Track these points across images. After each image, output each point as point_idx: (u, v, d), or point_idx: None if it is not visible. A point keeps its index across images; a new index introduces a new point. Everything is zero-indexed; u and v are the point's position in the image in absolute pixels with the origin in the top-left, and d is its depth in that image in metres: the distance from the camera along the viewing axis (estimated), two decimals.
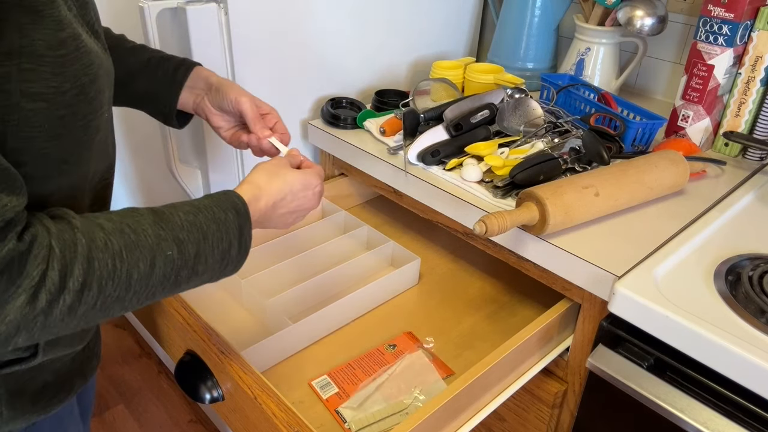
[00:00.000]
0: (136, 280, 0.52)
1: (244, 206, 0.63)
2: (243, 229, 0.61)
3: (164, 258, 0.54)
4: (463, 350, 0.91)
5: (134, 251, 0.52)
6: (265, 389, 0.72)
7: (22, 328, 0.46)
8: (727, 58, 1.02)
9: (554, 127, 1.07)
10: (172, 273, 0.55)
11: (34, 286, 0.46)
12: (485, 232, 0.76)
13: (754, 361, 0.64)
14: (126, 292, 0.52)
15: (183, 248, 0.56)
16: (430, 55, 1.43)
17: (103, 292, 0.50)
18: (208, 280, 0.61)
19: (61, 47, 0.49)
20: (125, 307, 0.53)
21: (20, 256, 0.45)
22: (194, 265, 0.57)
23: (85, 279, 0.48)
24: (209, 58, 1.04)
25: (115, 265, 0.50)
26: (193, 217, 0.58)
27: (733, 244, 0.84)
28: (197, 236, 0.57)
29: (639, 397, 0.77)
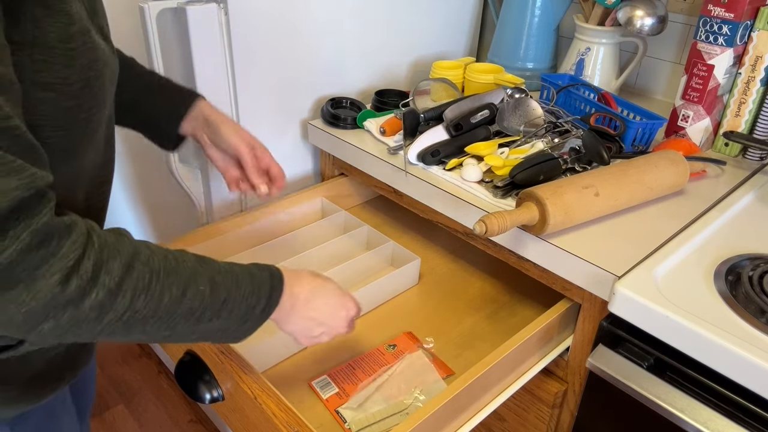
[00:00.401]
0: (165, 303, 0.53)
1: (280, 275, 0.64)
2: (273, 292, 0.63)
3: (196, 291, 0.55)
4: (463, 350, 0.91)
5: (171, 275, 0.53)
6: (265, 389, 0.72)
7: (50, 313, 0.46)
8: (727, 58, 1.02)
9: (554, 127, 1.07)
10: (199, 309, 0.56)
11: (69, 267, 0.46)
12: (485, 232, 0.76)
13: (754, 361, 0.64)
14: (153, 314, 0.52)
15: (215, 289, 0.57)
16: (430, 55, 1.43)
17: (134, 303, 0.50)
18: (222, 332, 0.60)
19: (71, 41, 0.51)
20: (145, 331, 0.53)
21: (59, 233, 0.46)
22: (220, 309, 0.57)
23: (120, 281, 0.49)
24: (209, 58, 1.04)
25: (151, 280, 0.51)
26: (231, 267, 0.60)
27: (733, 244, 0.84)
28: (230, 283, 0.59)
29: (639, 397, 0.77)
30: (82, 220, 0.49)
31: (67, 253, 0.46)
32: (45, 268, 0.45)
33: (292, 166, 1.27)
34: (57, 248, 0.46)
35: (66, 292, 0.46)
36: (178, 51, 1.04)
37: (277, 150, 1.22)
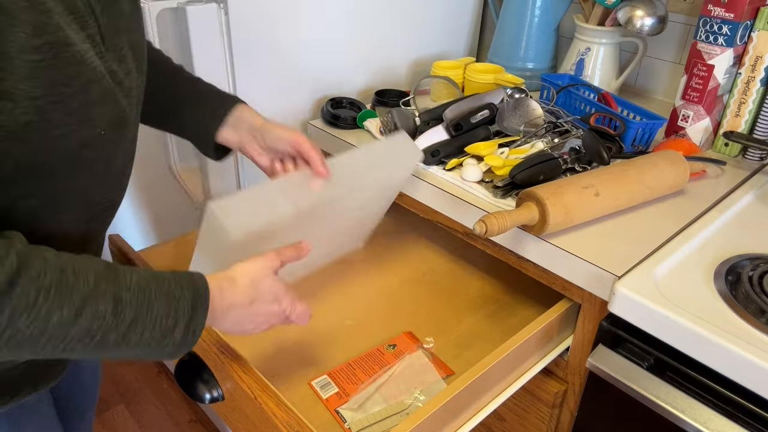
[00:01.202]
0: (54, 323, 0.48)
1: (205, 289, 0.58)
2: (196, 312, 0.56)
3: (94, 311, 0.50)
4: (463, 350, 0.91)
5: (64, 293, 0.49)
6: (265, 389, 0.72)
7: None
8: (727, 58, 1.02)
9: (554, 127, 1.07)
10: (99, 331, 0.51)
11: None
12: (485, 232, 0.76)
13: (754, 361, 0.64)
14: (40, 334, 0.48)
15: (120, 309, 0.51)
16: (430, 55, 1.43)
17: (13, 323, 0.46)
18: (141, 356, 0.56)
19: (35, 53, 0.49)
20: (36, 351, 0.49)
21: None
22: (126, 332, 0.52)
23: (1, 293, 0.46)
24: (209, 58, 1.05)
25: (36, 300, 0.47)
26: (145, 283, 0.54)
27: (733, 244, 0.84)
28: (141, 301, 0.53)
29: (639, 397, 0.77)
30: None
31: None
32: None
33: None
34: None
35: None
36: (178, 51, 1.05)
37: None
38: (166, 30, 1.02)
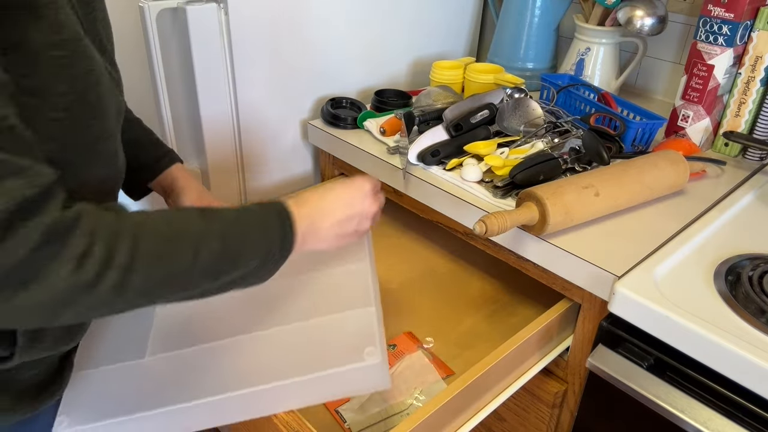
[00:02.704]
0: (180, 266, 0.53)
1: (287, 211, 0.63)
2: (285, 232, 0.62)
3: (209, 249, 0.55)
4: (463, 350, 0.91)
5: (178, 239, 0.53)
6: None
7: (68, 300, 0.47)
8: (727, 58, 1.02)
9: (554, 127, 1.07)
10: (215, 265, 0.55)
11: (79, 256, 0.46)
12: (485, 232, 0.76)
13: (754, 361, 0.64)
14: (171, 279, 0.52)
15: (227, 242, 0.56)
16: (430, 55, 1.43)
17: (149, 274, 0.50)
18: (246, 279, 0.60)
19: (57, 49, 0.50)
20: (168, 295, 0.54)
21: (66, 227, 0.46)
22: (236, 260, 0.57)
23: (130, 258, 0.49)
24: (209, 58, 1.05)
25: (159, 249, 0.51)
26: (238, 215, 0.59)
27: (733, 244, 0.84)
28: (240, 233, 0.58)
29: (639, 397, 0.77)
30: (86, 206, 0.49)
31: (77, 243, 0.46)
32: (57, 263, 0.45)
33: (292, 166, 1.27)
34: (66, 241, 0.46)
35: (82, 280, 0.46)
36: (178, 51, 1.05)
37: (277, 150, 1.23)
38: (166, 30, 1.02)
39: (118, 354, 0.75)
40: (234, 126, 1.14)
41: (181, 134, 1.12)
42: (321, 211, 0.67)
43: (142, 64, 1.08)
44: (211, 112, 1.09)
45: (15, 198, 0.43)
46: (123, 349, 0.76)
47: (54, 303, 0.46)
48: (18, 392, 0.63)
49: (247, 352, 0.73)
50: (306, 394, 0.69)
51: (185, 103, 1.10)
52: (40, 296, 0.45)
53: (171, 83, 1.07)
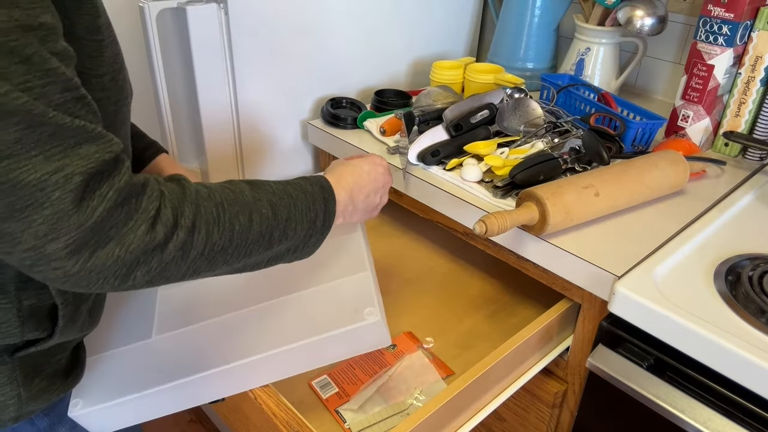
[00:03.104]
0: (237, 231, 0.56)
1: (328, 183, 0.67)
2: (328, 202, 0.66)
3: (260, 215, 0.58)
4: (463, 350, 0.91)
5: (234, 205, 0.56)
6: (265, 389, 0.73)
7: (141, 261, 0.49)
8: (727, 58, 1.02)
9: (554, 127, 1.07)
10: (267, 231, 0.59)
11: (152, 218, 0.49)
12: (485, 232, 0.76)
13: (754, 361, 0.64)
14: (229, 243, 0.55)
15: (276, 210, 0.60)
16: (430, 55, 1.43)
17: (210, 237, 0.53)
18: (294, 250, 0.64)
19: (98, 33, 0.54)
20: (227, 260, 0.56)
21: (137, 190, 0.49)
22: (285, 228, 0.60)
23: (194, 220, 0.52)
24: (209, 58, 1.05)
25: (219, 213, 0.55)
26: (284, 187, 0.63)
27: (733, 244, 0.84)
28: (288, 202, 0.61)
29: (639, 397, 0.77)
30: (151, 176, 0.53)
31: (147, 206, 0.49)
32: (132, 223, 0.48)
33: (292, 166, 1.27)
34: (138, 204, 0.49)
35: (155, 240, 0.49)
36: (178, 51, 1.05)
37: (277, 150, 1.23)
38: (166, 30, 1.02)
39: (124, 337, 0.78)
40: (234, 126, 1.14)
41: (181, 134, 1.12)
42: (357, 185, 0.72)
43: (142, 64, 1.08)
44: (211, 112, 1.09)
45: (94, 162, 0.46)
46: (129, 332, 0.78)
47: (129, 262, 0.49)
48: (49, 375, 0.65)
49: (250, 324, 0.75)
50: (312, 356, 0.73)
51: (185, 103, 1.10)
52: (117, 255, 0.48)
53: (171, 83, 1.07)
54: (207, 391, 0.72)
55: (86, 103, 0.48)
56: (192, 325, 0.76)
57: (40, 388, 0.64)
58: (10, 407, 0.62)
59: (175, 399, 0.71)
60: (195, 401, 0.73)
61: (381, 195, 0.77)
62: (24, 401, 0.63)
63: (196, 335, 0.75)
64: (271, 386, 0.73)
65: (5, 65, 0.42)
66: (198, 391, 0.71)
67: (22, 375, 0.62)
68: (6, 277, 0.57)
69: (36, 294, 0.59)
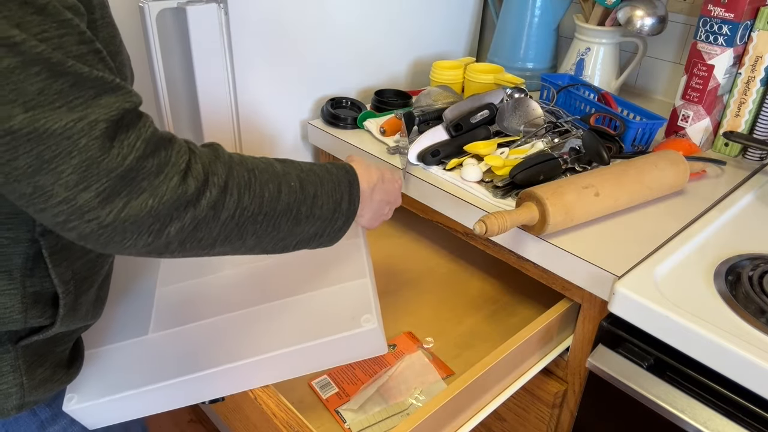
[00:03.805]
0: (267, 199, 0.56)
1: (353, 170, 0.68)
2: (353, 186, 0.66)
3: (289, 187, 0.58)
4: (463, 350, 0.91)
5: (264, 173, 0.57)
6: (265, 389, 0.73)
7: (174, 216, 0.49)
8: (727, 58, 1.02)
9: (554, 127, 1.07)
10: (295, 204, 0.59)
11: (183, 170, 0.49)
12: (485, 232, 0.76)
13: (754, 361, 0.64)
14: (258, 210, 0.55)
15: (304, 185, 0.60)
16: (430, 55, 1.43)
17: (241, 200, 0.53)
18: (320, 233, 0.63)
19: (92, 11, 0.53)
20: (257, 231, 0.56)
21: (165, 144, 0.49)
22: (312, 205, 0.60)
23: (226, 180, 0.52)
24: (209, 59, 1.05)
25: (250, 179, 0.55)
26: (310, 166, 0.63)
27: (733, 244, 0.84)
28: (315, 180, 0.62)
29: (639, 397, 0.77)
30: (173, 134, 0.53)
31: (177, 159, 0.49)
32: (163, 175, 0.48)
33: None
34: (168, 156, 0.49)
35: (187, 192, 0.49)
36: (178, 51, 1.05)
37: (277, 150, 1.23)
38: (166, 30, 1.02)
39: (121, 334, 0.77)
40: (234, 126, 1.14)
41: (181, 134, 1.12)
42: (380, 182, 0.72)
43: (142, 64, 1.08)
44: (211, 112, 1.09)
45: (116, 110, 0.46)
46: (125, 329, 0.78)
47: (163, 215, 0.48)
48: (52, 365, 0.66)
49: (247, 326, 0.75)
50: (307, 361, 0.73)
51: (185, 103, 1.10)
52: (151, 206, 0.47)
53: (171, 83, 1.07)
54: (200, 391, 0.72)
55: (102, 58, 0.48)
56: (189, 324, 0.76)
57: (43, 377, 0.65)
58: (13, 396, 0.62)
59: (169, 397, 0.71)
60: (189, 400, 0.73)
61: (389, 208, 0.77)
62: (27, 390, 0.63)
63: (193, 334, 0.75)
64: (271, 386, 0.73)
65: (21, 15, 0.42)
66: (191, 391, 0.71)
67: (26, 364, 0.62)
68: (14, 264, 0.57)
69: (40, 281, 0.60)
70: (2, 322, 0.59)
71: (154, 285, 0.84)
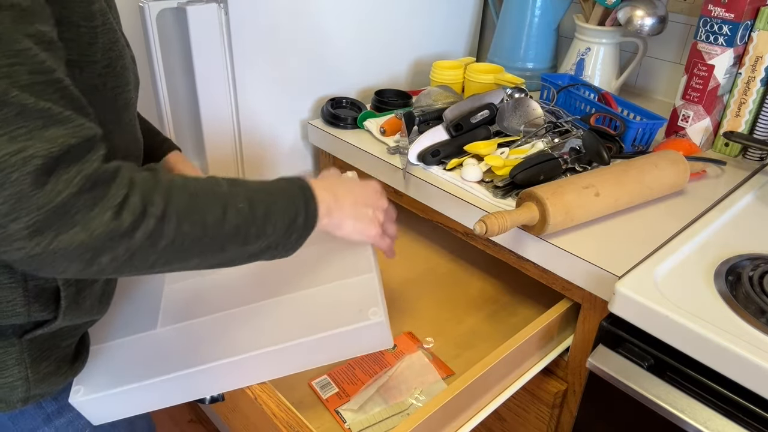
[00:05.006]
0: (210, 223, 0.55)
1: (307, 184, 0.66)
2: (309, 202, 0.64)
3: (236, 209, 0.57)
4: (463, 350, 0.91)
5: (209, 196, 0.56)
6: (265, 389, 0.73)
7: (107, 246, 0.49)
8: (727, 58, 1.02)
9: (554, 127, 1.07)
10: (243, 227, 0.57)
11: (118, 204, 0.49)
12: (485, 232, 0.76)
13: (754, 361, 0.64)
14: (201, 235, 0.54)
15: (253, 206, 0.58)
16: (430, 55, 1.43)
17: (180, 227, 0.52)
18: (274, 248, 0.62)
19: (93, 19, 0.54)
20: (200, 253, 0.55)
21: (106, 177, 0.49)
22: (263, 225, 0.59)
23: (164, 209, 0.51)
24: (209, 58, 1.05)
25: (190, 204, 0.54)
26: (262, 184, 0.62)
27: (733, 244, 0.84)
28: (266, 198, 0.60)
29: (639, 397, 0.77)
30: (126, 163, 0.52)
31: (114, 193, 0.49)
32: (97, 209, 0.48)
33: (292, 166, 1.27)
34: (106, 190, 0.49)
35: (120, 227, 0.49)
36: (178, 51, 1.05)
37: (277, 150, 1.23)
38: (166, 30, 1.02)
39: (128, 328, 0.77)
40: (234, 126, 1.14)
41: (181, 134, 1.12)
42: (341, 186, 0.71)
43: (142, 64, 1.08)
44: (211, 112, 1.09)
45: (59, 145, 0.46)
46: (133, 323, 0.78)
47: (93, 248, 0.48)
48: (57, 360, 0.66)
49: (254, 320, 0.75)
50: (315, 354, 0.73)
51: (185, 103, 1.10)
52: (81, 239, 0.47)
53: (171, 83, 1.07)
54: (208, 384, 0.72)
55: (60, 88, 0.48)
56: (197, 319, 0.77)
57: (48, 371, 0.65)
58: (18, 389, 0.63)
59: (176, 390, 0.72)
60: (196, 394, 0.73)
61: (374, 210, 0.74)
62: (32, 384, 0.64)
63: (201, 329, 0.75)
64: (271, 386, 0.73)
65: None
66: (199, 384, 0.72)
67: (30, 358, 0.63)
68: None
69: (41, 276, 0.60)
70: (6, 315, 0.59)
71: (162, 280, 0.84)
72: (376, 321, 0.70)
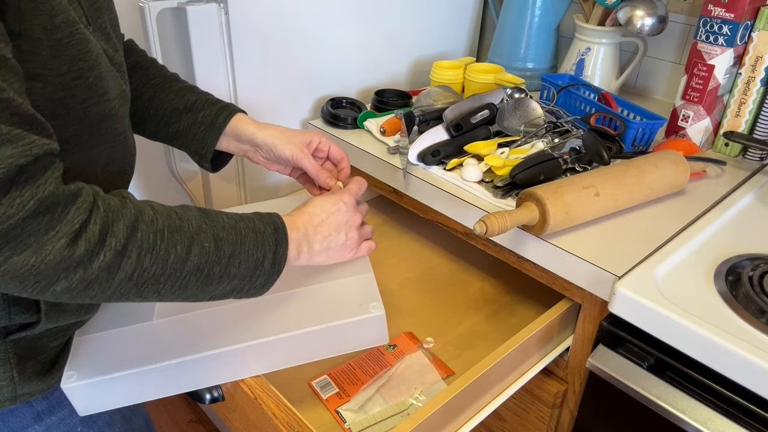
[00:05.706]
0: (172, 261, 0.54)
1: (282, 225, 0.65)
2: (279, 245, 0.63)
3: (201, 248, 0.56)
4: (463, 350, 0.91)
5: (175, 234, 0.55)
6: (265, 389, 0.73)
7: (61, 274, 0.48)
8: (727, 58, 1.02)
9: (554, 127, 1.07)
10: (206, 265, 0.57)
11: (74, 231, 0.48)
12: (485, 232, 0.76)
13: (754, 361, 0.64)
14: (162, 272, 0.54)
15: (220, 245, 0.58)
16: (430, 55, 1.43)
17: (140, 262, 0.52)
18: (238, 289, 0.62)
19: (56, 32, 0.52)
20: (159, 290, 0.55)
21: (63, 201, 0.48)
22: (227, 265, 0.59)
23: (126, 243, 0.51)
24: (209, 58, 1.05)
25: (155, 240, 0.53)
26: (235, 222, 0.61)
27: (733, 244, 0.84)
28: (235, 239, 0.60)
29: (639, 397, 0.77)
30: (88, 187, 0.51)
31: (72, 218, 0.48)
32: (52, 234, 0.47)
33: None
34: (63, 214, 0.47)
35: (74, 255, 0.48)
36: (178, 51, 1.05)
37: None
38: (166, 30, 1.02)
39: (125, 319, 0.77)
40: None
41: None
42: (311, 225, 0.70)
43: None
44: None
45: (7, 165, 0.45)
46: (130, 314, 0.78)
47: (46, 273, 0.47)
48: (44, 360, 0.66)
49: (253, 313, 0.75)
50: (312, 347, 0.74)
51: None
52: (32, 264, 0.46)
53: None
54: (204, 374, 0.72)
55: (9, 106, 0.46)
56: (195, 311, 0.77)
57: (34, 371, 0.65)
58: (4, 388, 0.63)
59: (172, 380, 0.71)
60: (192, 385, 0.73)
61: (346, 232, 0.74)
62: (18, 384, 0.64)
63: (199, 320, 0.75)
64: (271, 386, 0.73)
65: None
66: (195, 374, 0.71)
67: (16, 358, 0.63)
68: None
69: None
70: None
71: None
72: (377, 314, 0.72)
